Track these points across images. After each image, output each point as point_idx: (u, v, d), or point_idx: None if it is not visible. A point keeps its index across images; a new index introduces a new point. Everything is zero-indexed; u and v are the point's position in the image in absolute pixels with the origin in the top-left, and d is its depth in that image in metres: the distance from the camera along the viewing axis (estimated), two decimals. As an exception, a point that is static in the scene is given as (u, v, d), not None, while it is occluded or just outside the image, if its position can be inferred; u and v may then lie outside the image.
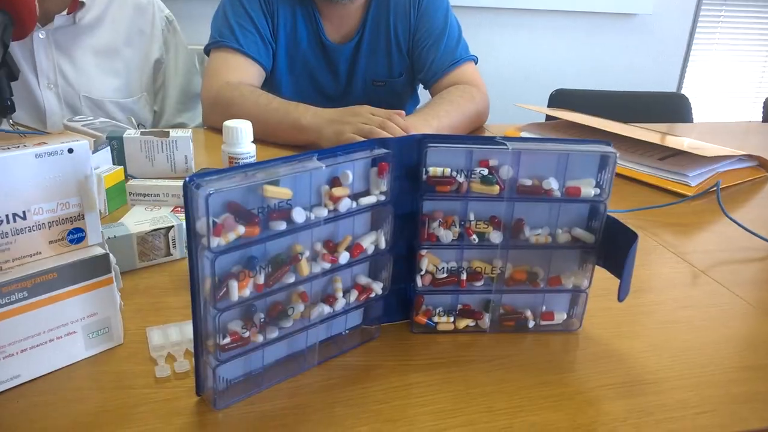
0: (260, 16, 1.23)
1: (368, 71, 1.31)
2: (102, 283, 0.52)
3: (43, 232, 0.49)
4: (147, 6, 1.29)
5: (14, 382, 0.48)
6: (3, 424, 0.45)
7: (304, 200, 0.46)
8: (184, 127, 1.34)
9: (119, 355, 0.53)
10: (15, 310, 0.47)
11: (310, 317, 0.50)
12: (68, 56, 1.21)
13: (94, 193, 0.51)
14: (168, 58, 1.32)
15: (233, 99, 1.12)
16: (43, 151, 0.47)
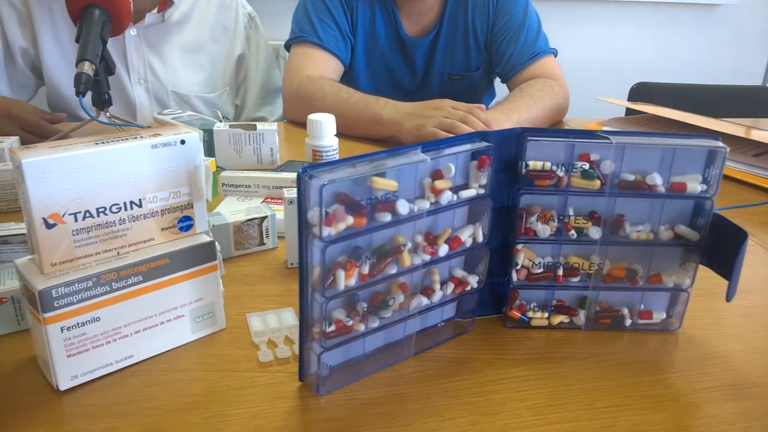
0: (340, 12, 1.24)
1: (445, 65, 1.31)
2: (208, 270, 0.54)
3: (156, 219, 0.51)
4: (231, 3, 1.33)
5: (128, 361, 0.51)
6: (118, 401, 0.47)
7: (407, 192, 0.47)
8: (264, 120, 1.38)
9: (222, 340, 0.55)
10: (131, 293, 0.49)
11: (408, 308, 0.50)
12: (157, 52, 1.26)
13: (203, 182, 0.53)
14: (250, 53, 1.36)
15: (314, 93, 1.14)
16: (158, 142, 0.50)
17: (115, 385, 0.49)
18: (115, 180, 0.48)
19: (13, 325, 0.55)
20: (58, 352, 0.47)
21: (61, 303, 0.46)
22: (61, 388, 0.47)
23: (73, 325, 0.47)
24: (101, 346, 0.49)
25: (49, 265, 0.46)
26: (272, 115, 1.40)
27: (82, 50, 0.89)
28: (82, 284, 0.47)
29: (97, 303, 0.48)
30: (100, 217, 0.48)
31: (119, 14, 0.97)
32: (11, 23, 1.18)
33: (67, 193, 0.46)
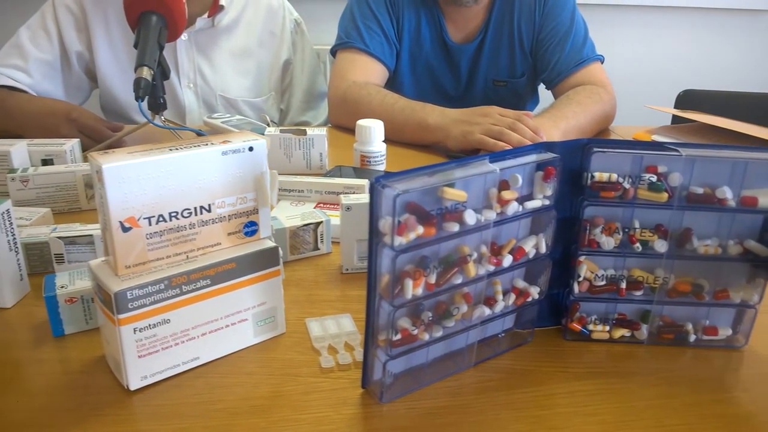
0: (386, 18, 1.25)
1: (490, 71, 1.30)
2: (271, 275, 0.54)
3: (223, 224, 0.52)
4: (278, 9, 1.35)
5: (194, 363, 0.52)
6: (186, 402, 0.48)
7: (474, 203, 0.47)
8: (308, 125, 1.39)
9: (284, 344, 0.56)
10: (199, 296, 0.50)
11: (471, 318, 0.50)
12: (207, 57, 1.29)
13: (268, 188, 0.54)
14: (295, 59, 1.38)
15: (360, 98, 1.15)
16: (228, 149, 0.51)
17: (182, 386, 0.50)
18: (188, 185, 0.49)
19: (82, 324, 0.56)
20: (130, 353, 0.48)
21: (135, 305, 0.47)
22: (132, 387, 0.49)
23: (145, 327, 0.48)
24: (170, 347, 0.50)
25: (123, 267, 0.48)
26: (316, 120, 1.41)
27: (140, 56, 0.91)
28: (154, 287, 0.48)
29: (167, 305, 0.49)
30: (172, 222, 0.49)
31: (175, 20, 0.99)
32: (68, 28, 1.22)
33: (142, 197, 0.47)
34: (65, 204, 0.79)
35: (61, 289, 0.55)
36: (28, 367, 0.52)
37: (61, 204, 0.79)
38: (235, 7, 1.29)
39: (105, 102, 1.29)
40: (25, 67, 1.18)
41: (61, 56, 1.22)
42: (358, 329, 0.57)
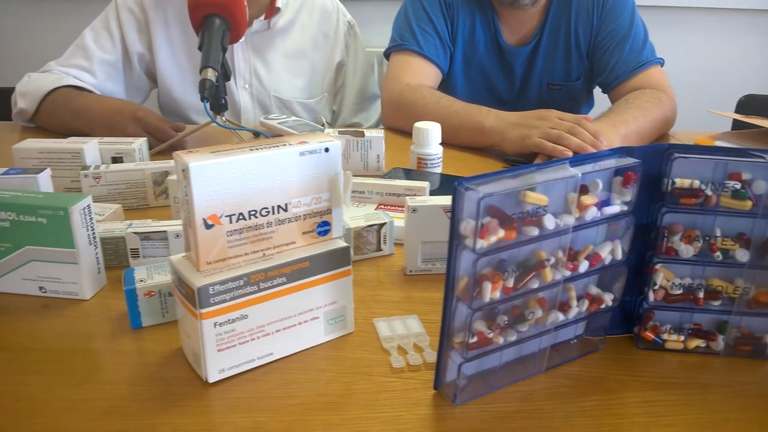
0: (441, 20, 1.25)
1: (544, 74, 1.29)
2: (343, 274, 0.55)
3: (299, 223, 0.53)
4: (332, 12, 1.36)
5: (268, 358, 0.53)
6: (262, 396, 0.49)
7: (553, 207, 0.47)
8: (359, 126, 1.40)
9: (353, 343, 0.56)
10: (275, 294, 0.51)
11: (545, 323, 0.50)
12: (262, 58, 1.31)
13: (341, 189, 0.55)
14: (348, 60, 1.39)
15: (415, 101, 1.15)
16: (305, 150, 0.52)
17: (257, 381, 0.51)
18: (267, 185, 0.50)
19: (158, 317, 0.58)
20: (209, 346, 0.49)
21: (216, 300, 0.48)
22: (210, 380, 0.50)
23: (224, 321, 0.49)
24: (247, 342, 0.51)
25: (205, 263, 0.49)
26: (367, 122, 1.42)
27: (205, 57, 0.93)
28: (234, 283, 0.49)
29: (246, 301, 0.50)
30: (251, 220, 0.50)
31: (237, 23, 1.01)
32: (130, 29, 1.25)
33: (225, 196, 0.48)
34: (134, 200, 0.82)
35: (141, 282, 0.57)
36: (110, 358, 0.54)
37: (130, 200, 0.81)
38: (290, 9, 1.31)
39: (164, 102, 1.33)
40: (90, 67, 1.22)
41: (123, 57, 1.26)
42: (425, 331, 0.57)
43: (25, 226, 0.59)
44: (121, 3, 1.25)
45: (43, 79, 1.15)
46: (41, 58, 1.31)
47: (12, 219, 0.59)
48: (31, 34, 2.19)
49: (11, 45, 2.21)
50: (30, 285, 0.62)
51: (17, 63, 2.06)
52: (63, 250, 0.60)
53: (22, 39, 2.20)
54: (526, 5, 1.19)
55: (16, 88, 1.16)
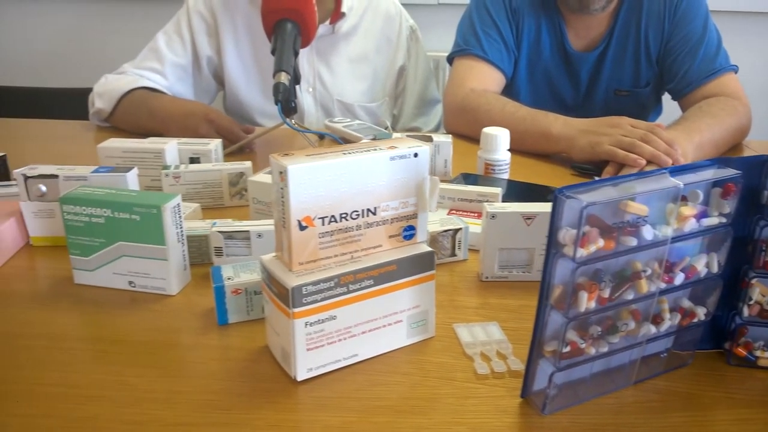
0: (506, 25, 1.24)
1: (612, 80, 1.27)
2: (426, 279, 0.55)
3: (386, 227, 0.54)
4: (395, 16, 1.37)
5: (353, 359, 0.54)
6: (349, 396, 0.50)
7: (652, 218, 0.46)
8: (419, 131, 1.41)
9: (434, 347, 0.56)
10: (363, 296, 0.52)
11: (637, 336, 0.49)
12: (326, 63, 1.33)
13: (427, 194, 0.55)
14: (409, 65, 1.39)
15: (479, 106, 1.15)
16: (395, 154, 0.52)
17: (344, 381, 0.52)
18: (358, 188, 0.51)
19: (244, 314, 0.59)
20: (300, 345, 0.50)
21: (308, 300, 0.49)
22: (299, 378, 0.51)
23: (315, 321, 0.50)
24: (334, 343, 0.52)
25: (297, 263, 0.50)
26: (427, 126, 1.42)
27: (278, 61, 0.95)
28: (326, 284, 0.50)
29: (335, 302, 0.51)
30: (341, 223, 0.51)
31: (308, 27, 1.03)
32: (201, 33, 1.29)
33: (319, 198, 0.49)
34: (210, 200, 0.84)
35: (228, 280, 0.58)
36: (201, 352, 0.55)
37: (206, 200, 0.84)
38: (354, 13, 1.33)
39: (230, 104, 1.36)
40: (162, 69, 1.26)
41: (193, 60, 1.30)
42: (507, 338, 0.57)
43: (119, 223, 0.62)
44: (192, 7, 1.29)
45: (119, 81, 1.19)
46: (116, 60, 1.36)
47: (107, 215, 0.62)
48: (107, 37, 2.27)
49: (88, 47, 2.30)
50: (120, 279, 0.64)
51: (93, 65, 2.14)
52: (154, 246, 0.62)
53: (98, 42, 2.29)
54: (596, 10, 1.17)
55: (94, 89, 1.21)
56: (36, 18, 2.35)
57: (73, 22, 2.32)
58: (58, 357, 0.54)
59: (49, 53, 2.36)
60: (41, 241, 0.73)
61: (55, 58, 2.36)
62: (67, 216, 0.63)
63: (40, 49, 2.38)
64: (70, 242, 0.64)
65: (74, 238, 0.64)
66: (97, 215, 0.62)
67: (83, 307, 0.62)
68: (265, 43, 1.28)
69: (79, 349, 0.56)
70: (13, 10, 2.34)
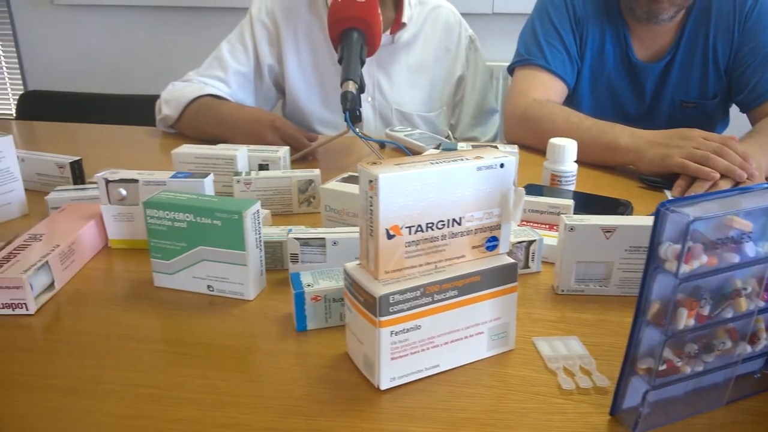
0: (569, 34, 1.23)
1: (677, 91, 1.24)
2: (509, 291, 0.55)
3: (470, 237, 0.53)
4: (454, 25, 1.37)
5: (434, 370, 0.53)
6: (433, 407, 0.50)
7: (755, 234, 0.44)
8: (476, 140, 1.40)
9: (515, 360, 0.56)
10: (447, 306, 0.52)
11: (733, 355, 0.48)
12: (385, 72, 1.33)
13: (511, 205, 0.54)
14: (468, 74, 1.39)
15: (543, 116, 1.13)
16: (482, 165, 0.52)
17: (426, 391, 0.52)
18: (444, 198, 0.51)
19: (322, 321, 0.60)
20: (384, 354, 0.50)
21: (395, 309, 0.49)
22: (382, 387, 0.51)
23: (400, 330, 0.50)
24: (417, 353, 0.52)
25: (383, 272, 0.50)
26: (484, 136, 1.42)
27: (345, 70, 0.96)
28: (412, 293, 0.50)
29: (420, 312, 0.51)
30: (427, 232, 0.51)
31: (373, 36, 1.04)
32: (263, 42, 1.31)
33: (407, 207, 0.49)
34: (279, 206, 0.85)
35: (308, 287, 0.59)
36: (281, 358, 0.56)
37: (275, 206, 0.85)
38: (414, 23, 1.33)
39: (289, 112, 1.38)
40: (225, 77, 1.29)
41: (255, 68, 1.32)
42: (589, 353, 0.56)
43: (201, 228, 0.63)
44: (255, 16, 1.32)
45: (186, 88, 1.23)
46: (179, 69, 1.40)
47: (189, 220, 0.63)
48: (173, 46, 2.35)
49: (154, 56, 2.38)
50: (199, 283, 0.66)
51: (160, 72, 2.22)
52: (234, 251, 0.63)
53: (164, 50, 2.37)
54: (664, 20, 1.15)
55: (161, 96, 1.24)
56: (104, 27, 2.44)
57: (140, 31, 2.41)
58: (145, 358, 0.56)
59: (115, 61, 2.45)
60: (119, 243, 0.76)
61: (120, 66, 2.45)
62: (150, 220, 0.64)
63: (107, 57, 2.47)
64: (152, 245, 0.66)
65: (156, 242, 0.65)
66: (179, 219, 0.63)
67: (164, 309, 0.64)
68: (325, 53, 1.30)
69: (163, 351, 0.57)
70: (82, 19, 2.44)
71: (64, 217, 0.74)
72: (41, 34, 2.50)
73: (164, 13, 2.35)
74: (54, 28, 2.47)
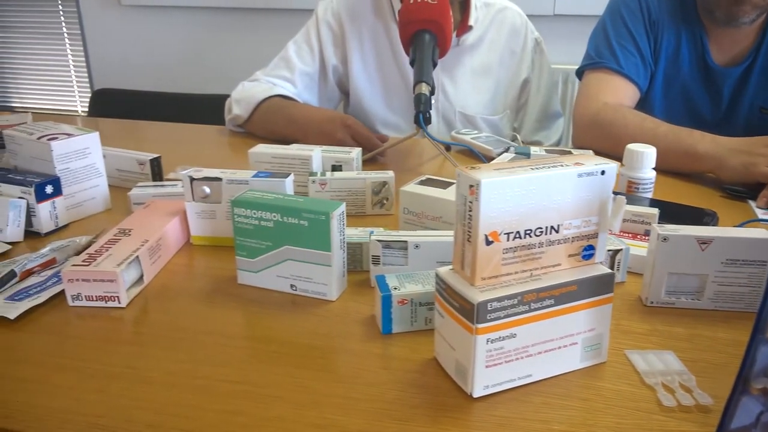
0: (643, 37, 1.20)
1: (757, 97, 1.19)
2: (604, 301, 0.53)
3: (566, 245, 0.52)
4: (520, 28, 1.35)
5: (526, 380, 0.52)
6: (527, 418, 0.49)
7: None
8: (540, 145, 1.37)
9: (608, 373, 0.54)
10: (542, 315, 0.51)
11: None
12: (450, 75, 1.33)
13: (609, 213, 0.53)
14: (533, 77, 1.37)
15: (615, 121, 1.11)
16: (583, 171, 0.51)
17: (519, 401, 0.51)
18: (543, 205, 0.50)
19: (407, 325, 0.59)
20: (479, 361, 0.49)
21: (492, 316, 0.48)
22: (475, 395, 0.50)
23: (496, 338, 0.49)
24: (511, 361, 0.51)
25: (480, 278, 0.49)
26: (548, 140, 1.39)
27: (418, 73, 0.96)
28: (510, 301, 0.49)
29: (516, 320, 0.50)
30: (525, 239, 0.50)
31: (446, 38, 1.03)
32: (328, 43, 1.32)
33: (506, 213, 0.48)
34: (352, 207, 0.85)
35: (395, 290, 0.58)
36: (367, 360, 0.56)
37: (349, 207, 0.85)
38: (480, 25, 1.32)
39: (353, 113, 1.38)
40: (291, 78, 1.30)
41: (320, 69, 1.33)
42: (687, 369, 0.54)
43: (287, 227, 0.63)
44: (322, 17, 1.33)
45: (255, 88, 1.24)
46: (243, 69, 1.43)
47: (276, 220, 0.64)
48: (235, 47, 2.40)
49: (217, 56, 2.44)
50: (282, 282, 0.66)
51: (223, 73, 2.27)
52: (319, 252, 0.63)
53: (227, 51, 2.43)
54: (745, 23, 1.11)
55: (232, 96, 1.26)
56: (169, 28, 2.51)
57: (204, 32, 2.47)
58: (235, 354, 0.56)
59: (178, 61, 2.52)
60: (201, 240, 0.77)
61: (183, 65, 2.51)
62: (237, 218, 0.65)
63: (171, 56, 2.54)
64: (237, 243, 0.66)
65: (242, 240, 0.66)
66: (266, 219, 0.64)
67: (248, 306, 0.65)
68: (389, 55, 1.30)
69: (251, 347, 0.58)
70: (148, 20, 2.52)
71: (149, 213, 0.76)
72: (108, 34, 2.58)
73: (227, 14, 2.39)
74: (120, 28, 2.55)
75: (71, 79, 2.77)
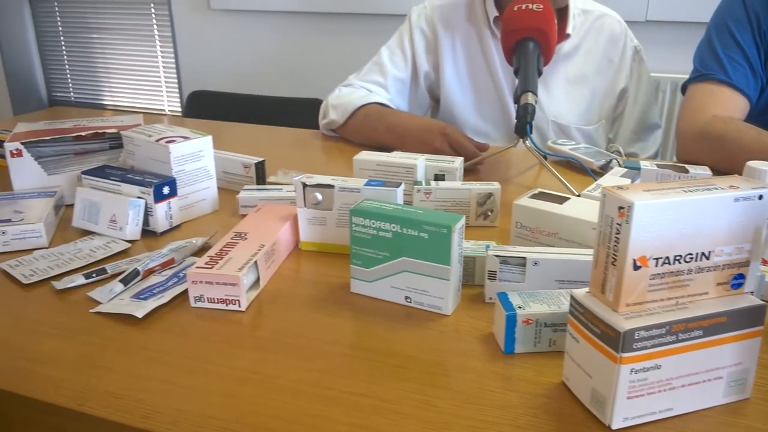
0: (752, 47, 1.13)
1: None
2: (754, 334, 0.50)
3: (716, 273, 0.49)
4: (619, 36, 1.31)
5: (667, 413, 0.50)
6: (657, 450, 0.46)
7: None
8: (635, 157, 1.32)
9: (751, 410, 0.51)
10: (690, 346, 0.48)
11: None
12: (543, 83, 1.29)
13: (762, 240, 0.50)
14: (630, 87, 1.32)
15: (727, 134, 1.05)
16: (740, 195, 0.48)
17: (661, 436, 0.48)
18: (695, 230, 0.47)
19: (530, 346, 0.58)
20: (621, 392, 0.47)
21: (638, 345, 0.46)
22: (614, 426, 0.48)
23: (640, 369, 0.47)
24: (653, 393, 0.48)
25: (624, 304, 0.47)
26: (644, 152, 1.34)
27: (524, 82, 0.94)
28: (657, 330, 0.46)
29: (663, 351, 0.47)
30: (674, 265, 0.48)
31: (550, 46, 1.01)
32: (421, 49, 1.32)
33: (656, 237, 0.46)
34: (457, 218, 0.84)
35: (520, 309, 0.57)
36: (491, 380, 0.54)
37: (452, 218, 0.84)
38: (577, 33, 1.28)
39: (443, 120, 1.37)
40: (384, 83, 1.30)
41: (412, 75, 1.33)
42: (843, 412, 0.50)
43: (406, 239, 0.63)
44: (415, 23, 1.32)
45: (352, 95, 1.25)
46: (333, 73, 1.44)
47: (395, 231, 0.63)
48: (327, 50, 2.44)
49: (307, 61, 2.48)
50: (397, 293, 0.66)
51: (313, 77, 2.31)
52: (437, 265, 0.62)
53: (317, 55, 2.47)
54: None
55: (329, 101, 1.27)
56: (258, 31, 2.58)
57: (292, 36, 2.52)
58: (358, 366, 0.56)
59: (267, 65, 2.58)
60: (310, 246, 0.78)
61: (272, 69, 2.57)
62: (355, 227, 0.65)
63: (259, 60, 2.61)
64: (353, 252, 0.66)
65: (358, 249, 0.66)
66: (385, 229, 0.64)
67: (362, 316, 0.64)
68: (481, 62, 1.28)
69: (373, 359, 0.57)
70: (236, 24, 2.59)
71: (262, 217, 0.77)
72: (197, 36, 2.67)
73: (315, 19, 2.43)
74: (210, 31, 2.63)
75: (160, 79, 2.88)
